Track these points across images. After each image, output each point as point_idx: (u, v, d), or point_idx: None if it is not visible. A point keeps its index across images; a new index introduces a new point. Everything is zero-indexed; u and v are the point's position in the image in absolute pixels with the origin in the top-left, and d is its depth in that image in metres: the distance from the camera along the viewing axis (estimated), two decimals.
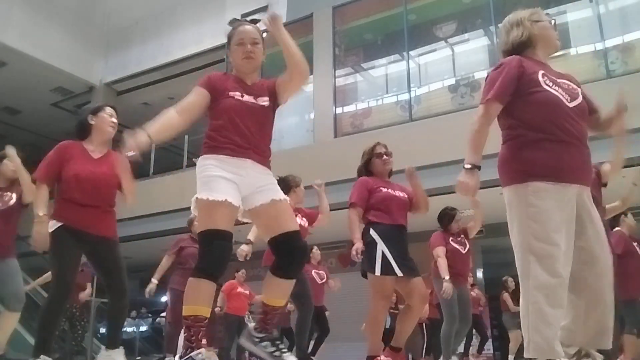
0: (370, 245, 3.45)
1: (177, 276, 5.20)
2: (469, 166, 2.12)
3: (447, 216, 5.25)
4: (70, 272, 2.96)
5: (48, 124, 14.04)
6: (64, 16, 12.23)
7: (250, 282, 8.02)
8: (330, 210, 4.68)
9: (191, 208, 2.46)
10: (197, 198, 2.28)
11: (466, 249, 5.16)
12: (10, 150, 3.76)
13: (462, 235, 5.22)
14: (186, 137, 11.56)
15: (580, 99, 2.25)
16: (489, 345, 9.81)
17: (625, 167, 4.10)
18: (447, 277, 4.69)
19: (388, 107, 10.03)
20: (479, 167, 2.15)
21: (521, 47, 2.27)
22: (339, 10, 10.27)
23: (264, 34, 2.59)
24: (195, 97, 2.42)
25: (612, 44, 8.16)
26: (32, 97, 12.89)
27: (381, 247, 3.41)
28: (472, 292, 6.61)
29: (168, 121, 2.36)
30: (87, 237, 2.98)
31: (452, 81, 9.51)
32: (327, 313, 6.52)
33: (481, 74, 9.30)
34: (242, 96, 2.42)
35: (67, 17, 12.31)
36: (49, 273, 4.12)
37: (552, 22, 2.35)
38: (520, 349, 8.79)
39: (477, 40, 10.08)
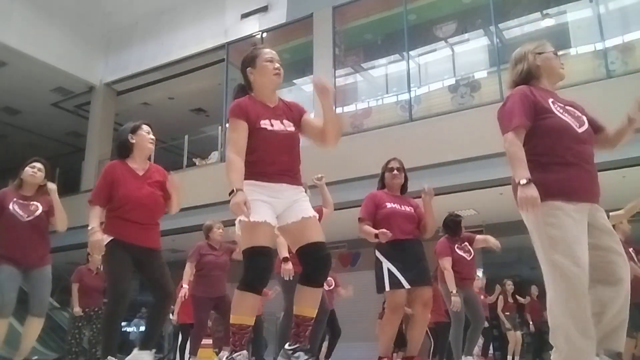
0: (377, 265, 3.73)
1: (197, 283, 5.26)
2: (524, 181, 2.15)
3: (453, 223, 5.27)
4: (124, 281, 3.21)
5: (48, 124, 14.05)
6: (64, 16, 12.22)
7: None
8: None
9: (236, 229, 2.65)
10: (240, 220, 2.45)
11: (471, 256, 5.21)
12: (52, 186, 4.05)
13: (466, 242, 5.23)
14: (186, 137, 11.58)
15: (586, 125, 2.36)
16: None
17: (625, 167, 4.11)
18: (454, 291, 4.78)
19: (388, 107, 10.03)
20: (531, 180, 2.18)
21: (526, 79, 2.41)
22: (339, 10, 10.27)
23: (264, 34, 2.64)
24: (243, 134, 2.52)
25: (612, 44, 8.16)
26: (32, 97, 12.89)
27: (386, 265, 3.66)
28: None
29: (241, 168, 2.47)
30: (136, 248, 3.23)
31: (452, 81, 9.52)
32: None
33: (481, 74, 9.31)
34: (272, 125, 2.56)
35: (67, 17, 12.31)
36: None
37: (556, 53, 2.47)
38: (521, 350, 8.82)
39: (477, 40, 10.08)
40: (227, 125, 2.57)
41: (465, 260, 5.12)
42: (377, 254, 3.76)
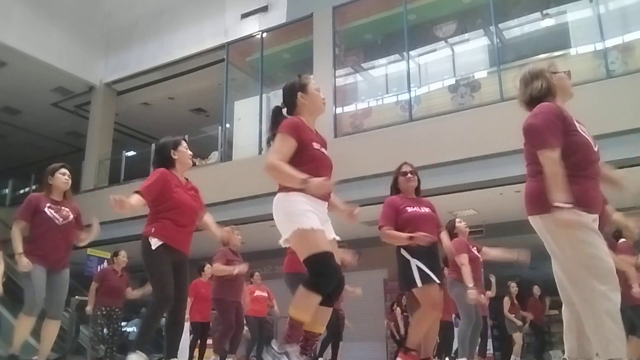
0: (405, 264, 3.81)
1: (221, 287, 5.55)
2: (570, 205, 2.25)
3: (454, 229, 5.46)
4: (171, 286, 3.35)
5: (48, 124, 14.05)
6: (64, 16, 12.22)
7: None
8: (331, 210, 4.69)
9: (286, 237, 2.67)
10: (299, 228, 2.56)
11: (481, 259, 5.49)
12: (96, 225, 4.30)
13: (475, 247, 5.53)
14: (186, 137, 11.56)
15: (597, 146, 2.53)
16: (489, 345, 9.82)
17: (625, 167, 4.11)
18: (471, 285, 4.89)
19: (388, 107, 10.03)
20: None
21: (545, 96, 2.53)
22: (339, 10, 10.26)
23: (264, 34, 2.69)
24: (290, 150, 2.68)
25: (612, 44, 8.16)
26: (32, 97, 12.88)
27: (414, 262, 3.76)
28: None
29: (289, 166, 2.62)
30: (177, 253, 3.46)
31: (452, 81, 9.51)
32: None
33: (481, 74, 9.31)
34: (320, 148, 2.81)
35: (67, 17, 12.31)
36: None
37: (567, 73, 2.64)
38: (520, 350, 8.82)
39: (477, 40, 10.07)
40: (278, 136, 2.72)
41: (478, 261, 5.36)
42: (403, 252, 3.82)
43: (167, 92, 12.88)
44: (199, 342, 6.64)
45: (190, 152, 3.84)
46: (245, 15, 11.22)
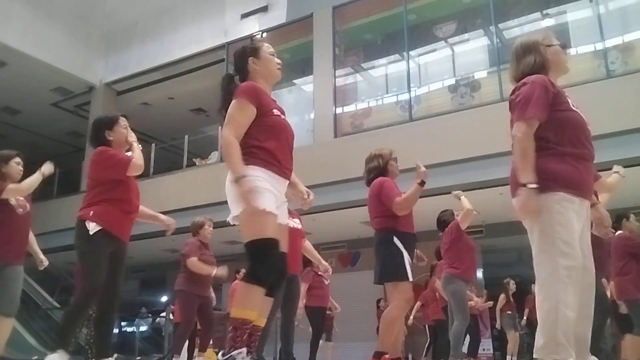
0: (396, 254, 3.55)
1: (184, 279, 5.17)
2: (533, 185, 2.10)
3: (446, 216, 5.35)
4: (101, 277, 3.03)
5: (48, 124, 14.05)
6: (64, 16, 12.22)
7: None
8: (330, 210, 4.69)
9: (235, 214, 2.42)
10: (250, 206, 2.28)
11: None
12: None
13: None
14: (186, 137, 11.58)
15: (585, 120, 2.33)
16: (489, 345, 9.83)
17: (625, 167, 4.11)
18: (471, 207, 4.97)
19: (388, 107, 10.03)
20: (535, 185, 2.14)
21: (537, 71, 2.29)
22: (339, 10, 10.27)
23: (264, 35, 2.64)
24: (248, 118, 2.44)
25: (612, 44, 8.16)
26: (32, 97, 12.88)
27: (406, 256, 3.56)
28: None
29: (239, 151, 2.38)
30: (117, 241, 3.12)
31: (452, 81, 9.51)
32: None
33: (481, 74, 9.31)
34: (281, 115, 2.54)
35: (67, 17, 12.31)
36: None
37: (563, 46, 2.43)
38: (520, 350, 8.84)
39: (477, 40, 10.08)
40: (235, 102, 2.44)
41: (475, 252, 5.26)
42: (396, 241, 3.58)
43: (167, 92, 12.88)
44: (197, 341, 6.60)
45: (129, 131, 3.35)
46: (245, 15, 11.23)
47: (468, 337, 7.18)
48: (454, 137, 7.91)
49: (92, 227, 3.01)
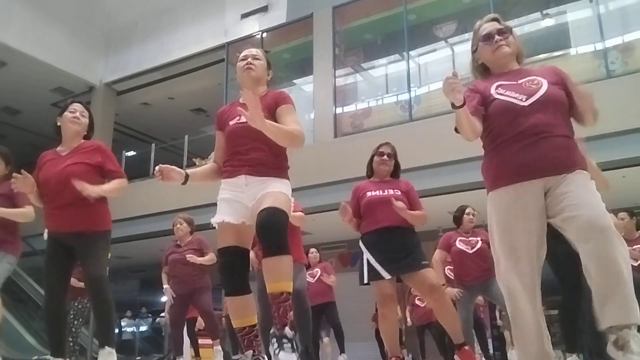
0: (361, 256, 3.55)
1: (169, 282, 5.37)
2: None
3: (457, 211, 5.15)
4: (49, 290, 3.05)
5: (48, 124, 13.87)
6: (64, 16, 12.22)
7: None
8: (330, 210, 4.69)
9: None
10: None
11: (473, 250, 4.87)
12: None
13: (479, 238, 4.93)
14: (186, 137, 11.58)
15: (541, 92, 2.16)
16: (488, 346, 9.79)
17: (625, 167, 4.11)
18: (444, 282, 4.52)
19: (388, 107, 10.04)
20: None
21: (482, 74, 2.49)
22: (339, 10, 10.27)
23: (264, 35, 2.66)
24: (219, 144, 2.70)
25: (612, 44, 8.16)
26: (32, 97, 12.88)
27: (366, 255, 3.48)
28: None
29: (203, 171, 2.70)
30: (65, 236, 3.08)
31: None
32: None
33: None
34: (240, 118, 2.53)
35: (67, 17, 12.30)
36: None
37: (485, 38, 2.50)
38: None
39: None
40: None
41: (466, 254, 4.85)
42: (360, 244, 3.55)
43: (167, 92, 12.89)
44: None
45: (77, 115, 3.23)
46: (245, 15, 11.23)
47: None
48: (454, 137, 7.84)
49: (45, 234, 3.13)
